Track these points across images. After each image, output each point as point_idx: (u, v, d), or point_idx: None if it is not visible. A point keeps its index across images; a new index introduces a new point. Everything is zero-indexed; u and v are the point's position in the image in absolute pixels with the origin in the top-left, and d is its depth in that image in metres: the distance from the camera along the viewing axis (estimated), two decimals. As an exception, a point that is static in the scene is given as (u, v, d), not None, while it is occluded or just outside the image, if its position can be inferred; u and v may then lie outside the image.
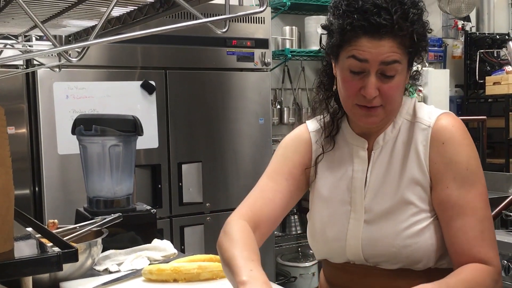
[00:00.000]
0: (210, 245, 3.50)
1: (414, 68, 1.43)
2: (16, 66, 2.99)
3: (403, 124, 1.39)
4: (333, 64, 1.40)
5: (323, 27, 1.38)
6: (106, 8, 1.19)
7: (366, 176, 1.40)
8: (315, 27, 4.44)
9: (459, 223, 1.29)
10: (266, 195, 1.46)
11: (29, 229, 0.98)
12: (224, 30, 0.86)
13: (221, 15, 0.87)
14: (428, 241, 1.32)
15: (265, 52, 3.67)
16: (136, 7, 1.15)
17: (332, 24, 1.33)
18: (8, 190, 0.81)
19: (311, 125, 1.55)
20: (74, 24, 1.40)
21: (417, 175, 1.34)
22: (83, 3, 1.08)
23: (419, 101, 1.48)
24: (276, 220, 1.48)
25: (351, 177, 1.41)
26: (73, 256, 0.76)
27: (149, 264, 1.73)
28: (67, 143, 3.06)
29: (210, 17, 1.27)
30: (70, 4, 1.11)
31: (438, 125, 1.34)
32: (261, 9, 0.84)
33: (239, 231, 1.37)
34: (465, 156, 1.32)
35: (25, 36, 1.65)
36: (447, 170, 1.31)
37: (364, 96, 1.30)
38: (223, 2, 0.89)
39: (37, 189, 3.15)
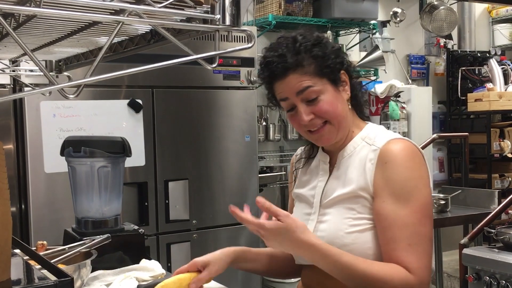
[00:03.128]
0: (197, 263, 3.51)
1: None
2: (3, 86, 3.00)
3: (361, 145, 1.57)
4: None
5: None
6: (97, 38, 1.23)
7: (326, 184, 1.60)
8: (300, 45, 4.50)
9: (390, 234, 1.44)
10: None
11: (26, 257, 1.00)
12: (213, 65, 0.90)
13: (209, 48, 0.91)
14: (365, 244, 1.48)
15: (251, 71, 3.72)
16: (128, 37, 1.19)
17: (261, 83, 1.61)
18: (6, 222, 0.83)
19: (299, 151, 1.79)
20: (65, 51, 1.44)
21: (362, 186, 1.50)
22: (75, 34, 1.12)
23: (398, 119, 1.62)
24: None
25: (316, 186, 1.63)
26: (69, 285, 0.78)
27: (138, 285, 1.75)
28: (54, 162, 3.07)
29: (198, 46, 1.30)
30: (62, 35, 1.14)
31: (385, 147, 1.50)
32: (249, 45, 0.89)
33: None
34: (402, 176, 1.46)
35: (14, 61, 1.68)
36: (385, 186, 1.47)
37: (305, 125, 1.52)
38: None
39: (23, 207, 3.15)
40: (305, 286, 1.67)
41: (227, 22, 0.84)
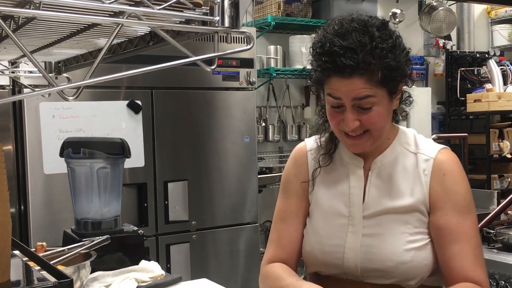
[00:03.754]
0: (196, 263, 3.52)
1: (406, 94, 1.51)
2: (2, 87, 3.00)
3: (402, 152, 1.48)
4: None
5: (311, 62, 1.47)
6: (96, 39, 1.23)
7: (364, 192, 1.47)
8: (299, 46, 4.51)
9: (456, 249, 1.39)
10: (284, 239, 1.57)
11: (25, 258, 1.01)
12: (212, 67, 0.90)
13: (208, 48, 0.91)
14: (423, 261, 1.41)
15: (250, 72, 3.72)
16: (127, 39, 1.19)
17: (312, 63, 1.44)
18: (5, 224, 0.84)
19: (309, 143, 1.62)
20: (64, 53, 1.44)
21: (420, 199, 1.43)
22: (75, 36, 1.12)
23: (402, 120, 1.57)
24: (299, 254, 1.58)
25: (348, 193, 1.49)
26: (68, 286, 0.78)
27: (137, 286, 1.75)
28: (53, 163, 3.07)
29: (197, 47, 1.31)
30: (61, 37, 1.14)
31: (439, 157, 1.45)
32: (248, 47, 0.89)
33: (277, 268, 1.54)
34: (463, 188, 1.43)
35: (13, 63, 1.68)
36: (447, 199, 1.42)
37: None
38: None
39: (22, 207, 3.16)
40: None
41: (226, 24, 0.84)
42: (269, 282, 1.54)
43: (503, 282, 2.34)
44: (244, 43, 3.64)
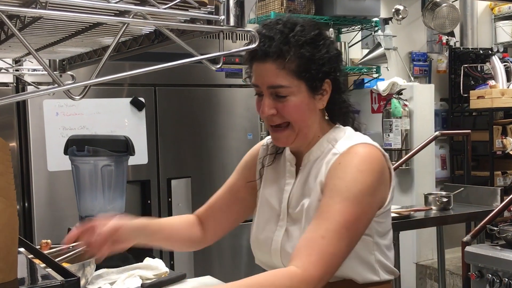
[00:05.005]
0: (199, 260, 3.53)
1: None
2: (6, 84, 3.01)
3: (327, 148, 1.47)
4: None
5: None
6: (101, 38, 1.24)
7: (292, 189, 1.51)
8: (302, 43, 4.50)
9: (312, 222, 1.36)
10: (214, 204, 1.71)
11: (30, 256, 1.01)
12: (218, 66, 0.90)
13: (212, 46, 0.91)
14: None
15: (253, 69, 3.71)
16: (132, 37, 1.19)
17: None
18: (13, 223, 0.84)
19: (265, 141, 1.68)
20: (69, 51, 1.44)
21: (320, 195, 1.43)
22: (80, 34, 1.12)
23: (400, 116, 1.57)
24: (220, 226, 1.73)
25: (283, 190, 1.53)
26: (75, 285, 0.79)
27: (142, 283, 1.76)
28: (56, 160, 3.08)
29: (201, 44, 1.31)
30: (66, 35, 1.15)
31: (345, 151, 1.41)
32: (253, 45, 0.89)
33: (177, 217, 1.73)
34: (350, 176, 1.37)
35: (17, 61, 1.69)
36: (329, 182, 1.39)
37: (264, 115, 1.44)
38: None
39: (26, 205, 3.17)
40: None
41: (232, 23, 0.84)
42: None
43: (507, 279, 2.34)
44: (247, 39, 3.63)
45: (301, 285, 1.27)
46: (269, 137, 1.64)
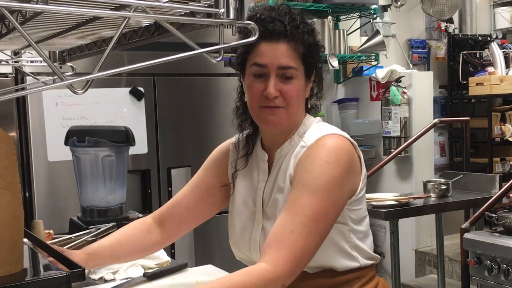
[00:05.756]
0: (200, 249, 3.55)
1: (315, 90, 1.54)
2: (5, 75, 3.01)
3: (299, 142, 1.48)
4: (242, 83, 1.55)
5: (232, 51, 1.53)
6: (101, 30, 1.24)
7: (265, 185, 1.51)
8: (301, 31, 4.49)
9: (281, 216, 1.37)
10: (180, 202, 1.67)
11: (34, 247, 1.02)
12: (218, 59, 0.91)
13: (213, 43, 0.92)
14: None
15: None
16: (132, 30, 1.20)
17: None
18: (19, 216, 0.85)
19: (233, 143, 1.67)
20: (69, 43, 1.45)
21: (290, 185, 1.43)
22: (80, 27, 1.13)
23: (399, 104, 1.57)
24: (185, 225, 1.69)
25: (256, 187, 1.53)
26: (81, 276, 0.80)
27: (144, 273, 1.77)
28: (56, 150, 3.09)
29: (199, 34, 1.32)
30: (67, 28, 1.15)
31: (313, 143, 1.42)
32: (253, 38, 0.90)
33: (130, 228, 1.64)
34: (317, 169, 1.38)
35: (16, 52, 1.69)
36: (297, 175, 1.40)
37: (267, 97, 1.42)
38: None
39: (27, 195, 3.18)
40: None
41: (231, 16, 0.85)
42: None
43: (505, 266, 2.36)
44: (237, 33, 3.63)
45: (271, 283, 1.28)
46: (236, 136, 1.67)
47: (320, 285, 1.45)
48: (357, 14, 4.81)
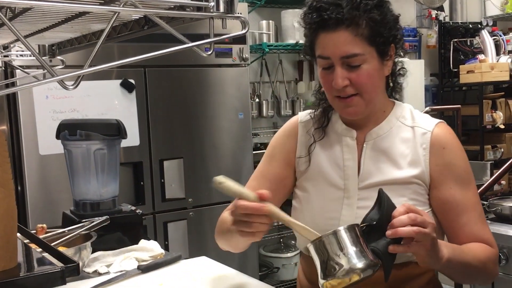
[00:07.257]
0: (194, 240, 3.56)
1: (399, 66, 1.52)
2: (-5, 69, 2.99)
3: (398, 125, 1.48)
4: None
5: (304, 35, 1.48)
6: (90, 24, 1.23)
7: (360, 165, 1.46)
8: (292, 20, 4.49)
9: (464, 219, 1.44)
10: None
11: (26, 240, 1.02)
12: (209, 53, 0.91)
13: (203, 34, 0.92)
14: None
15: (243, 48, 3.71)
16: (121, 23, 1.19)
17: (304, 30, 1.46)
18: (12, 212, 0.85)
19: (302, 116, 1.61)
20: (58, 36, 1.44)
21: (414, 172, 1.43)
22: (70, 21, 1.12)
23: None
24: None
25: (343, 166, 1.48)
26: (75, 270, 0.80)
27: (138, 265, 1.78)
28: (48, 144, 3.08)
29: (188, 26, 1.31)
30: (56, 22, 1.14)
31: (436, 131, 1.47)
32: (243, 31, 0.90)
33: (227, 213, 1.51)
34: (462, 160, 1.47)
35: (5, 47, 1.68)
36: (448, 173, 1.45)
37: (336, 88, 1.39)
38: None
39: (19, 189, 3.17)
40: (306, 273, 1.58)
41: (221, 9, 0.85)
42: (218, 226, 1.58)
43: (497, 252, 2.37)
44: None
45: (497, 261, 1.48)
46: (304, 113, 1.60)
47: (407, 275, 1.46)
48: (348, 3, 4.79)
